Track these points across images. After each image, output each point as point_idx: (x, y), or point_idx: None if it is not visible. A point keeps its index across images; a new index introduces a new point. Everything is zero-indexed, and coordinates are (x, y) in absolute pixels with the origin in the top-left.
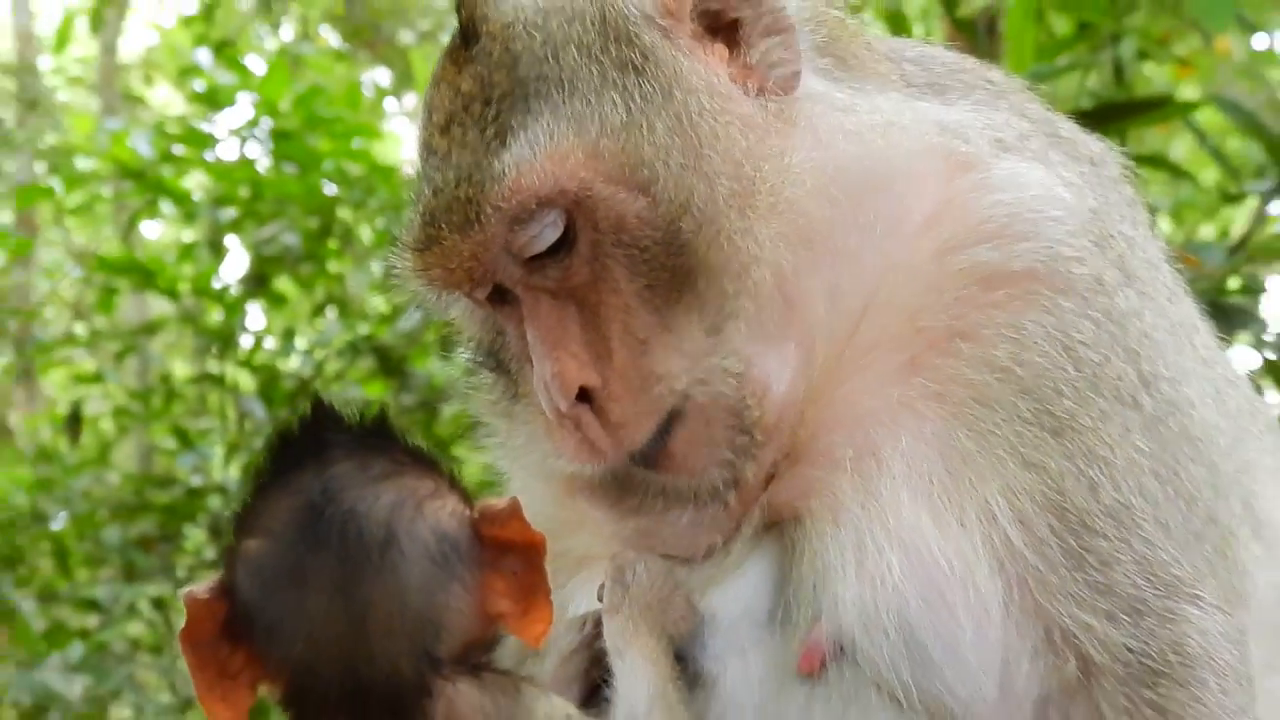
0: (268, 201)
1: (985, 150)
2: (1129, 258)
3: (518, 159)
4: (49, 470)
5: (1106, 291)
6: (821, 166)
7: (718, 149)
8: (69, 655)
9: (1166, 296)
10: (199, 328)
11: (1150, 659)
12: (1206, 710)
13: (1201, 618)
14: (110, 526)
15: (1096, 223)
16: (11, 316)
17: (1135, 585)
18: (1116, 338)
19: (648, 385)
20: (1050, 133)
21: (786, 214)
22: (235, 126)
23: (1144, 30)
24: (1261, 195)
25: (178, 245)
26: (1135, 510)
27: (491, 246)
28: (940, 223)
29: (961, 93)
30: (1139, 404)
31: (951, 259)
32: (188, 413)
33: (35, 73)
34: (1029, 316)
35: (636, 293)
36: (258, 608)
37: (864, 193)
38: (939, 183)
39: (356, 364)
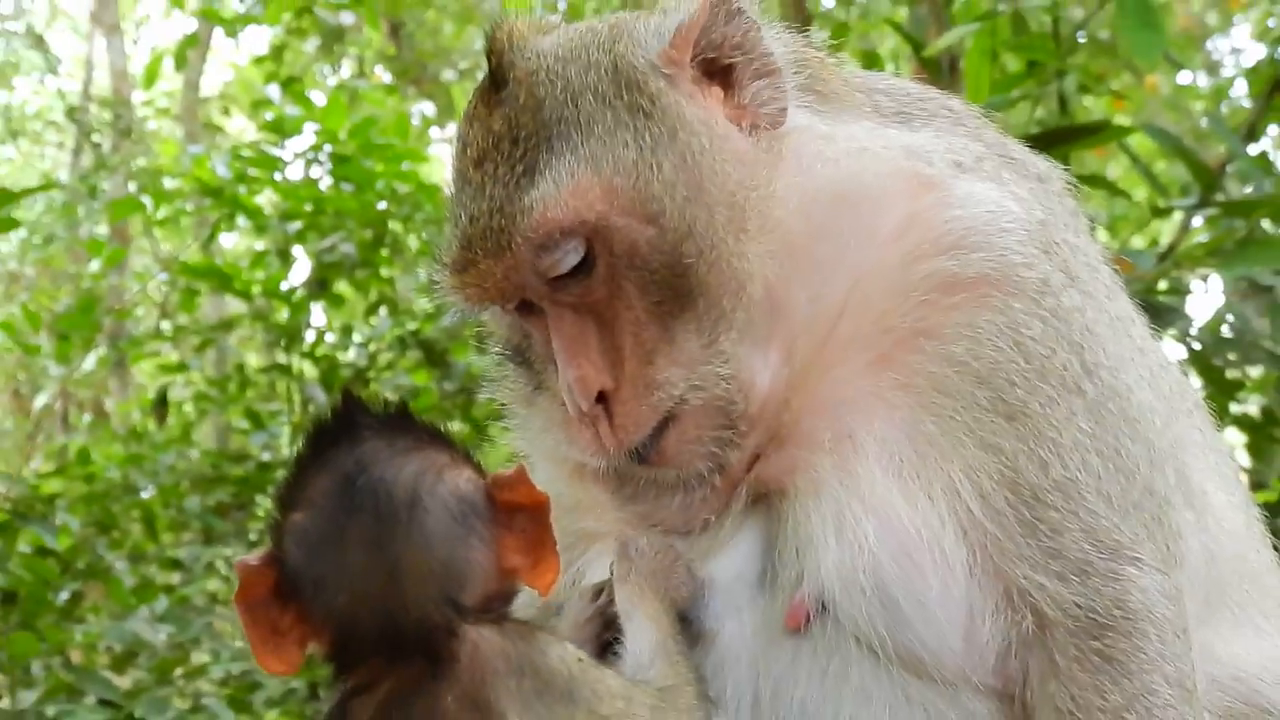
0: (328, 216)
1: (945, 171)
2: (1072, 262)
3: (544, 195)
4: (139, 448)
5: (1052, 292)
6: (803, 189)
7: (716, 182)
8: (155, 608)
9: (1105, 294)
10: (269, 324)
11: (1096, 614)
12: (1147, 659)
13: (1141, 577)
14: (191, 496)
15: (1043, 232)
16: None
17: (1082, 550)
18: (1061, 333)
19: (650, 391)
20: (1002, 154)
21: (773, 233)
22: (300, 151)
23: (1084, 68)
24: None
25: (251, 253)
26: (1080, 484)
27: (521, 269)
28: (906, 235)
29: (925, 120)
30: (1083, 390)
31: (916, 267)
32: (259, 398)
33: (128, 105)
34: (983, 317)
35: (645, 309)
36: (304, 569)
37: (839, 210)
38: (905, 200)
39: (405, 356)
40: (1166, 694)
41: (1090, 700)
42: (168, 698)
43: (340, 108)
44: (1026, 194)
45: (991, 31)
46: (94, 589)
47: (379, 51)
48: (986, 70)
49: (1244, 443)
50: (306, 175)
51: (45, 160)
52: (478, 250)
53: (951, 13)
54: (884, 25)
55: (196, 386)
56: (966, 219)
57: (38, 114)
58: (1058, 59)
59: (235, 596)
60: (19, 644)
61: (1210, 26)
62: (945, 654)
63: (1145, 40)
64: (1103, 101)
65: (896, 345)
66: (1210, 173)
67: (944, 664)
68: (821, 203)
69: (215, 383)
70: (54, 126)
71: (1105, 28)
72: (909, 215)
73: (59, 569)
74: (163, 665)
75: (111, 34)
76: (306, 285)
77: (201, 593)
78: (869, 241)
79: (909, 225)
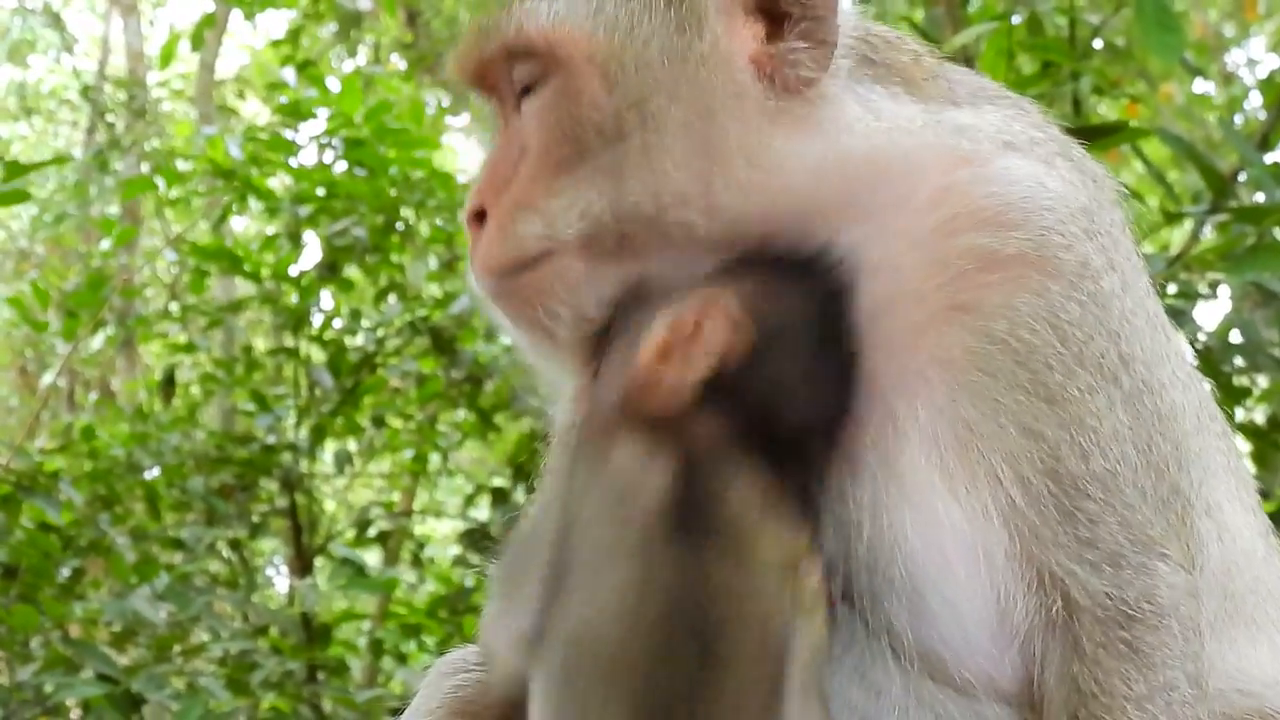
0: (340, 200)
1: (991, 148)
2: (1114, 251)
3: (536, 11)
4: (144, 427)
5: (1092, 275)
6: (823, 155)
7: (694, 95)
8: (155, 585)
9: (1145, 291)
10: (277, 307)
11: (1126, 604)
12: (1170, 653)
13: (1170, 574)
14: (195, 477)
15: (1086, 216)
16: (115, 293)
17: (1116, 541)
18: (1100, 319)
19: (515, 222)
20: (1060, 147)
21: (766, 189)
22: (314, 135)
23: (1099, 72)
24: (1197, 217)
25: (261, 236)
26: (1119, 476)
27: (495, 62)
28: (941, 207)
29: (989, 104)
30: (1119, 381)
31: (952, 241)
32: (266, 380)
33: (143, 86)
34: (1020, 298)
35: (555, 150)
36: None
37: (865, 176)
38: (942, 172)
39: (413, 342)
40: (1186, 690)
41: (1115, 686)
42: (165, 675)
43: (355, 93)
44: (1076, 180)
45: (1007, 32)
46: (95, 565)
47: (395, 39)
48: (1002, 71)
49: (1249, 452)
50: (320, 160)
51: (59, 139)
52: (474, 29)
53: (967, 13)
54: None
55: (203, 368)
56: (1006, 195)
57: (52, 92)
58: (1072, 60)
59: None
60: (19, 618)
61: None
62: (967, 653)
63: (1164, 43)
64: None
65: (932, 318)
66: (1222, 179)
67: (965, 664)
68: (846, 170)
69: (222, 364)
70: (68, 105)
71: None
72: (945, 187)
73: (61, 545)
74: (161, 642)
75: (128, 14)
76: (316, 269)
77: (203, 572)
78: (899, 210)
79: (944, 197)
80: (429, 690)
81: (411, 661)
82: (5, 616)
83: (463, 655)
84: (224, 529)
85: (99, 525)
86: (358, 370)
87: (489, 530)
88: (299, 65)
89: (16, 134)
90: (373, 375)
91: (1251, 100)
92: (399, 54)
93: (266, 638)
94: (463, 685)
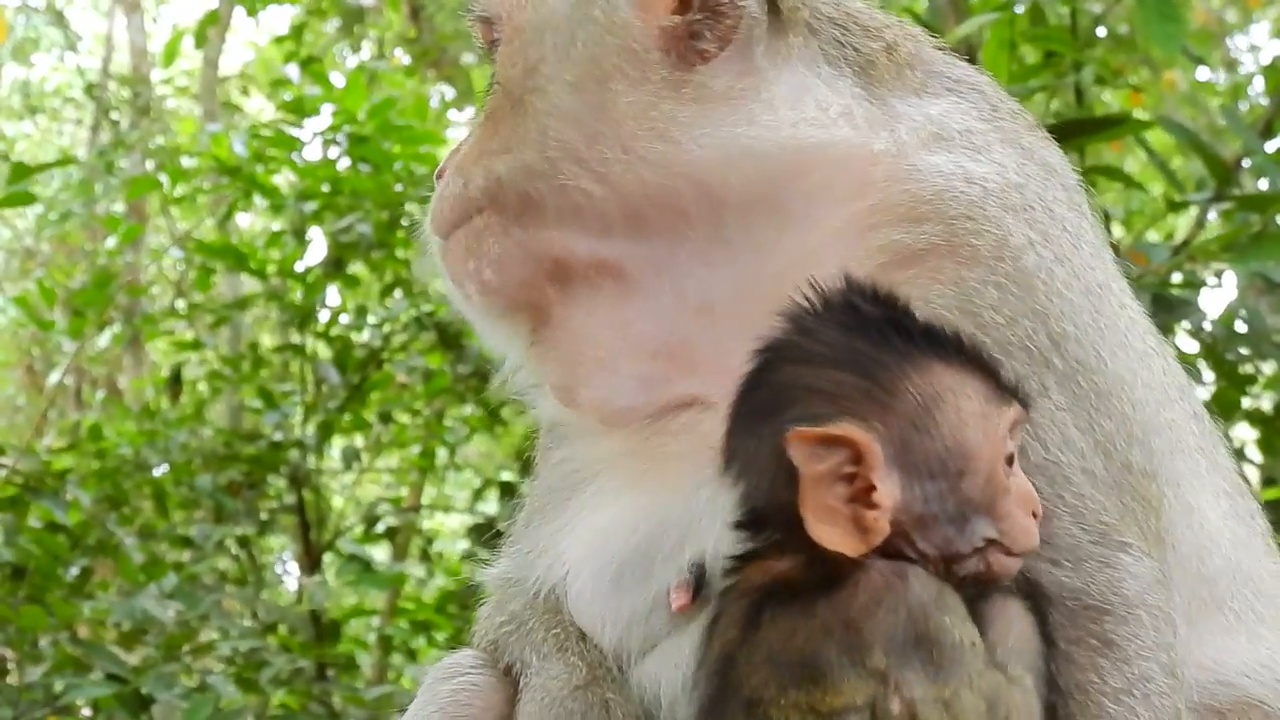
0: (345, 196)
1: (914, 142)
2: (1048, 224)
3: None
4: (151, 425)
5: (1011, 255)
6: (734, 139)
7: (588, 59)
8: (164, 585)
9: (1088, 262)
10: (284, 304)
11: (1093, 598)
12: (1143, 644)
13: (1133, 563)
14: (203, 474)
15: (1014, 193)
16: (121, 291)
17: (1071, 535)
18: (1024, 299)
19: (449, 184)
20: (1006, 136)
21: (673, 165)
22: (319, 131)
23: (1102, 61)
24: (1201, 205)
25: (267, 233)
26: (1064, 465)
27: (477, 29)
28: (856, 201)
29: (950, 92)
30: (1050, 363)
31: (869, 237)
32: (273, 377)
33: (147, 84)
34: (933, 290)
35: (488, 113)
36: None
37: (781, 167)
38: (859, 167)
39: (419, 337)
40: (1162, 681)
41: (1090, 680)
42: (174, 674)
43: (359, 88)
44: (1012, 163)
45: (1010, 22)
46: (103, 565)
47: (399, 34)
48: (1004, 61)
49: (1255, 439)
50: (325, 156)
51: (63, 137)
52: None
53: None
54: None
55: (210, 365)
56: (918, 190)
57: (56, 91)
58: (1075, 51)
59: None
60: (27, 618)
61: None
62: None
63: (1165, 31)
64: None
65: None
66: (1226, 167)
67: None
68: (759, 154)
69: (229, 361)
70: (73, 103)
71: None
72: (862, 182)
73: (69, 544)
74: (170, 642)
75: (132, 11)
76: (322, 265)
77: (211, 570)
78: (818, 203)
79: (862, 192)
80: (427, 694)
81: (421, 657)
82: (14, 617)
83: (458, 659)
84: (232, 526)
85: (106, 525)
86: (364, 366)
87: (497, 524)
88: (303, 61)
89: (21, 132)
90: (379, 371)
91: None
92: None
93: (275, 635)
94: (460, 690)
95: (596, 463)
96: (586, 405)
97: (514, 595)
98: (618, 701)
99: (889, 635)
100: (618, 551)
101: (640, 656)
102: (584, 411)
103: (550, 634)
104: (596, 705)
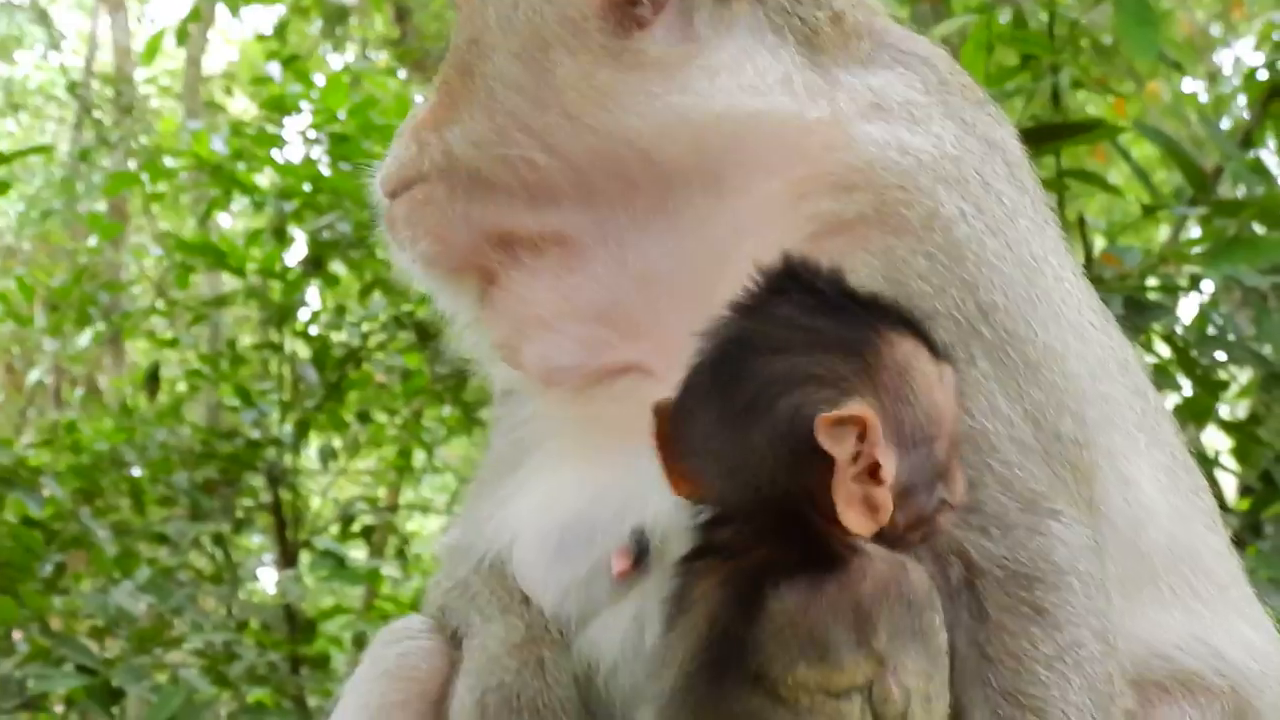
0: (325, 195)
1: (851, 111)
2: (982, 196)
3: None
4: (129, 423)
5: (942, 225)
6: (673, 107)
7: (529, 28)
8: (137, 578)
9: (1024, 234)
10: (263, 302)
11: (1023, 566)
12: (1073, 611)
13: (1064, 530)
14: (180, 472)
15: (948, 164)
16: (101, 289)
17: (999, 503)
18: (952, 269)
19: (399, 149)
20: (949, 110)
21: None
22: (300, 129)
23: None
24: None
25: (247, 231)
26: (991, 433)
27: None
28: (791, 170)
29: (897, 64)
30: (979, 333)
31: (802, 206)
32: (252, 376)
33: (130, 82)
34: (860, 259)
35: (441, 82)
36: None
37: (716, 136)
38: (795, 137)
39: (398, 336)
40: (1094, 648)
41: (1022, 648)
42: (146, 667)
43: (341, 88)
44: (951, 136)
45: (988, 24)
46: (78, 559)
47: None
48: (982, 63)
49: (1230, 448)
50: (306, 155)
51: (46, 135)
52: None
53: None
54: None
55: (189, 364)
56: (851, 159)
57: (39, 88)
58: (1052, 54)
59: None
60: (0, 611)
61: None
62: None
63: (1142, 37)
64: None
65: None
66: (1203, 174)
67: None
68: (696, 122)
69: (207, 359)
70: (55, 101)
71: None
72: (798, 152)
73: (44, 539)
74: (142, 635)
75: (115, 10)
76: (301, 264)
77: (186, 567)
78: (755, 172)
79: (796, 161)
80: (373, 658)
81: None
82: None
83: (406, 624)
84: (209, 524)
85: (81, 519)
86: (343, 365)
87: None
88: (284, 60)
89: (4, 130)
90: (358, 370)
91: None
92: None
93: (248, 631)
94: (407, 654)
95: (542, 430)
96: (528, 364)
97: (462, 562)
98: (554, 660)
99: (894, 622)
100: (561, 518)
101: (583, 623)
102: (526, 371)
103: (494, 597)
104: (533, 663)
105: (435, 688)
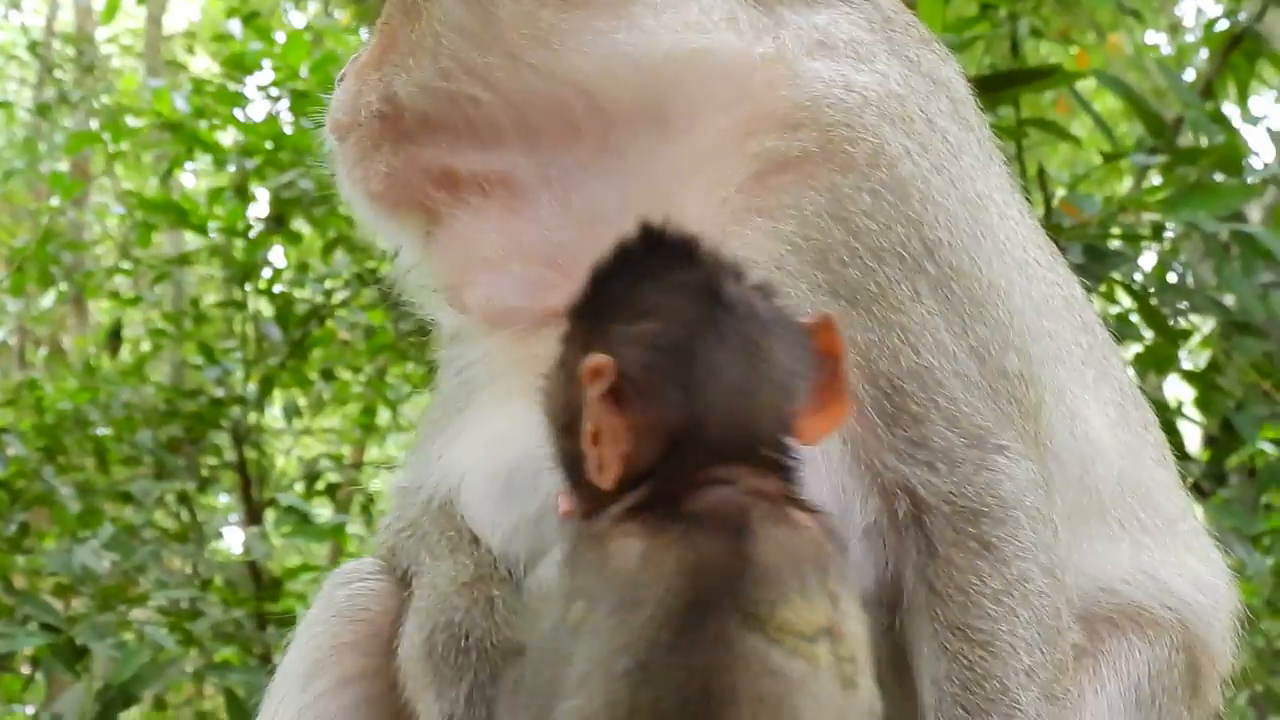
0: (287, 152)
1: (796, 49)
2: (929, 136)
3: None
4: (92, 382)
5: (888, 162)
6: (614, 43)
7: None
8: (101, 535)
9: (968, 171)
10: (226, 260)
11: (970, 501)
12: (1020, 545)
13: (1009, 465)
14: (144, 430)
15: (895, 103)
16: (64, 249)
17: (946, 439)
18: (897, 206)
19: (343, 91)
20: (894, 48)
21: (556, 73)
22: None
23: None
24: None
25: (209, 190)
26: (936, 369)
27: None
28: (737, 107)
29: (843, 3)
30: (923, 269)
31: (748, 144)
32: (215, 335)
33: (92, 42)
34: (806, 197)
35: (382, 24)
36: (654, 372)
37: (665, 75)
38: (741, 75)
39: (361, 294)
40: (1041, 582)
41: (969, 582)
42: (110, 624)
43: (302, 45)
44: (896, 74)
45: None
46: (41, 517)
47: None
48: (940, 11)
49: (1193, 398)
50: (269, 113)
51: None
52: None
53: None
54: None
55: (152, 323)
56: (796, 96)
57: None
58: (1010, 3)
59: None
60: None
61: None
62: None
63: None
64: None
65: (735, 221)
66: (1162, 123)
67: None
68: (642, 62)
69: (170, 317)
70: (16, 61)
71: None
72: (743, 90)
73: (8, 498)
74: (106, 593)
75: None
76: (264, 221)
77: (151, 525)
78: (701, 111)
79: (742, 99)
80: (324, 600)
81: None
82: None
83: (357, 565)
84: (173, 482)
85: (45, 478)
86: (306, 322)
87: None
88: (245, 17)
89: None
90: (321, 328)
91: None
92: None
93: (214, 588)
94: (357, 594)
95: (488, 371)
96: (474, 305)
97: (412, 503)
98: (502, 598)
99: (840, 566)
100: (508, 458)
101: (532, 562)
102: (472, 312)
103: (444, 536)
104: (481, 601)
105: (386, 628)
